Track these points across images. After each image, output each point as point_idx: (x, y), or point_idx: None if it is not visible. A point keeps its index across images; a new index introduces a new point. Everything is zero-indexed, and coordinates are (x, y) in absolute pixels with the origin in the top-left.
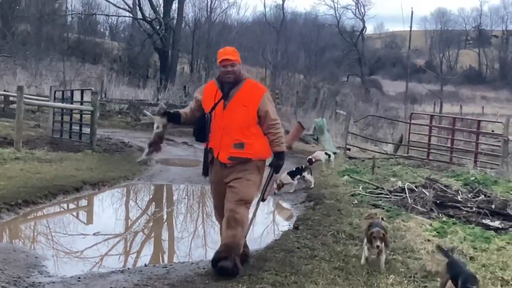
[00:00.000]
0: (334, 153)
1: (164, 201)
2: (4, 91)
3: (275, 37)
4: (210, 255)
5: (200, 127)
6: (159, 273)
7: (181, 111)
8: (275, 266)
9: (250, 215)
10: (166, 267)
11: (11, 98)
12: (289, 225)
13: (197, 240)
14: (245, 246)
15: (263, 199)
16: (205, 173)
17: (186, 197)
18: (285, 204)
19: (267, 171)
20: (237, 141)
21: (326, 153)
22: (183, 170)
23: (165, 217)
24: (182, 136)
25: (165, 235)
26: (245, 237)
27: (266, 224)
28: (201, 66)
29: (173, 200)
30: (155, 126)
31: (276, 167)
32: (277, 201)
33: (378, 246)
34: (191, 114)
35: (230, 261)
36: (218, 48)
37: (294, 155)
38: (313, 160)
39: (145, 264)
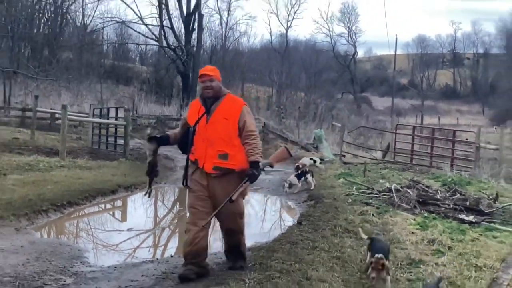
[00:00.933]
0: (322, 160)
1: (187, 201)
2: (51, 109)
3: (280, 61)
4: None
5: (184, 140)
6: (183, 262)
7: (170, 132)
8: (282, 256)
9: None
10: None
11: (56, 115)
12: (294, 221)
13: (215, 234)
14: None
15: (230, 199)
16: (185, 183)
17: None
18: (290, 203)
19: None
20: (221, 152)
21: (311, 159)
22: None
23: (187, 215)
24: None
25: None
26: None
27: (273, 220)
28: None
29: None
30: (147, 153)
31: (250, 176)
32: (283, 200)
33: (373, 278)
34: (180, 133)
35: (242, 258)
36: (232, 71)
37: (295, 161)
38: (300, 166)
39: (171, 255)
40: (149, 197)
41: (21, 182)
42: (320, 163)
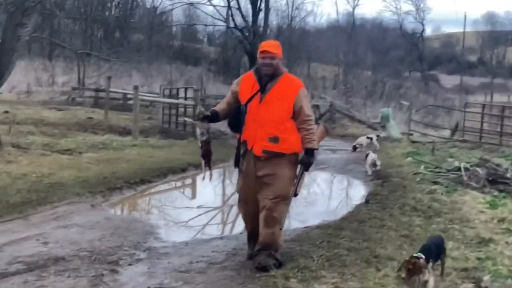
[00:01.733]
0: (378, 136)
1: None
2: (123, 90)
3: (346, 40)
4: (293, 224)
5: (235, 118)
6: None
7: (217, 108)
8: (349, 234)
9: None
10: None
11: (128, 96)
12: (361, 199)
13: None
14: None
15: (295, 194)
16: (236, 164)
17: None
18: (357, 182)
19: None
20: (272, 135)
21: (367, 137)
22: None
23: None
24: None
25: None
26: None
27: (340, 199)
28: (284, 66)
29: None
30: (198, 133)
31: (306, 164)
32: (350, 179)
33: (403, 279)
34: (228, 108)
35: (271, 257)
36: (299, 51)
37: (354, 139)
38: (357, 146)
39: (240, 232)
40: (210, 179)
41: (96, 160)
42: (377, 139)
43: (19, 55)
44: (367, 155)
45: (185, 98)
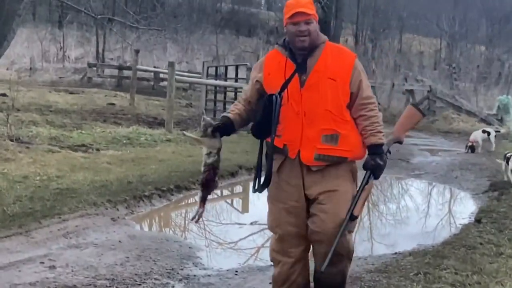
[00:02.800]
0: (498, 131)
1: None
2: (154, 67)
3: (451, 3)
4: (377, 250)
5: (265, 117)
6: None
7: (231, 113)
8: (454, 264)
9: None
10: None
11: (161, 75)
12: (470, 218)
13: (362, 233)
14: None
15: (352, 216)
16: (266, 183)
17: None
18: (463, 194)
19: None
20: (329, 131)
21: (483, 131)
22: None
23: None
24: None
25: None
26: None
27: (441, 216)
28: (367, 37)
29: None
30: (204, 152)
31: (374, 170)
32: (455, 190)
33: None
34: (247, 109)
35: None
36: (387, 17)
37: (461, 136)
38: (472, 143)
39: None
40: (197, 221)
41: (118, 160)
42: (495, 135)
43: (21, 20)
44: (509, 158)
45: (236, 80)
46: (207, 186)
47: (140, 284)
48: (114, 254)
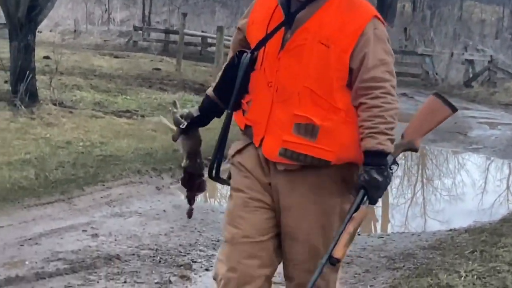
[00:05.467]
0: None
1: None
2: (202, 32)
3: None
4: (431, 226)
5: (227, 78)
6: (374, 243)
7: (212, 90)
8: None
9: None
10: (382, 237)
11: (209, 40)
12: None
13: (415, 208)
14: None
15: (332, 259)
16: (214, 171)
17: (404, 157)
18: None
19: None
20: (302, 119)
21: None
22: (402, 126)
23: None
24: (401, 86)
25: (379, 201)
26: None
27: (499, 193)
28: (425, 4)
29: None
30: (181, 151)
31: (367, 188)
32: None
33: None
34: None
35: None
36: None
37: None
38: None
39: (358, 233)
40: (189, 217)
41: (164, 127)
42: None
43: None
44: None
45: None
46: (187, 189)
47: (184, 255)
48: (158, 224)
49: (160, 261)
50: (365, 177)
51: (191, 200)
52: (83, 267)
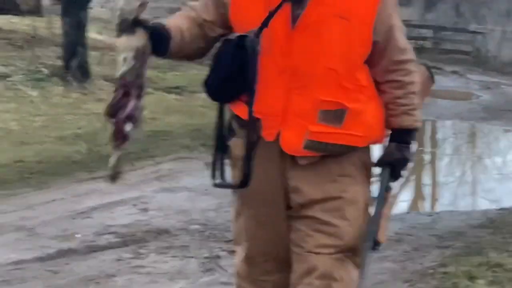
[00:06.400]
0: None
1: (427, 139)
2: None
3: None
4: (481, 205)
5: (233, 70)
6: (423, 221)
7: (171, 23)
8: None
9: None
10: (431, 216)
11: None
12: None
13: (464, 186)
14: None
15: (375, 244)
16: (245, 182)
17: (453, 135)
18: None
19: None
20: (331, 104)
21: None
22: (452, 104)
23: (428, 158)
24: (451, 64)
25: (427, 179)
26: None
27: None
28: None
29: (438, 139)
30: (120, 57)
31: (396, 166)
32: None
33: None
34: (196, 32)
35: None
36: None
37: None
38: None
39: (407, 211)
40: (112, 181)
41: (212, 103)
42: None
43: None
44: None
45: None
46: (116, 114)
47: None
48: (207, 199)
49: (209, 236)
50: (397, 156)
51: (119, 137)
52: (134, 241)
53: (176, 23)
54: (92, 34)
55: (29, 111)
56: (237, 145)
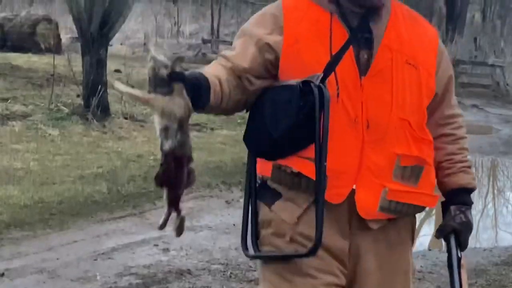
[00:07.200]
0: None
1: None
2: None
3: None
4: (503, 240)
5: (290, 118)
6: (445, 259)
7: (209, 73)
8: None
9: None
10: None
11: None
12: None
13: (485, 220)
14: None
15: None
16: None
17: (474, 169)
18: None
19: None
20: (409, 159)
21: None
22: (472, 138)
23: None
24: (471, 97)
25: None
26: None
27: None
28: (495, 13)
29: None
30: (157, 123)
31: (465, 231)
32: None
33: None
34: (233, 85)
35: None
36: None
37: None
38: None
39: (429, 248)
40: (161, 228)
41: (233, 140)
42: None
43: None
44: None
45: None
46: (172, 184)
47: (254, 270)
48: (228, 238)
49: (230, 276)
50: (462, 219)
51: (175, 201)
52: (155, 282)
53: (214, 73)
54: (112, 71)
55: (49, 151)
56: (284, 209)
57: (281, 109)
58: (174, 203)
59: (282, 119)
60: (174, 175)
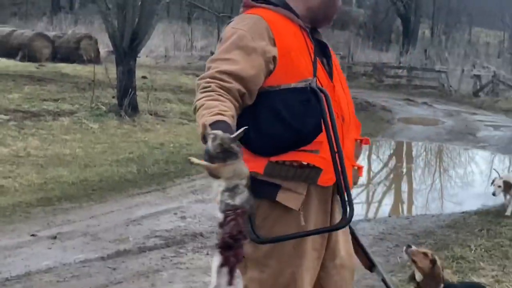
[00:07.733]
0: None
1: (404, 156)
2: None
3: None
4: (447, 208)
5: (287, 122)
6: (401, 223)
7: (226, 114)
8: None
9: None
10: (408, 218)
11: None
12: None
13: (433, 193)
14: None
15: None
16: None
17: (424, 153)
18: None
19: None
20: (358, 142)
21: None
22: (423, 128)
23: (405, 171)
24: (422, 97)
25: (404, 187)
26: None
27: None
28: (441, 30)
29: (412, 156)
30: (221, 187)
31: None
32: None
33: None
34: (238, 106)
35: None
36: (458, 14)
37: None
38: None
39: (389, 215)
40: None
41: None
42: None
43: (158, 18)
44: None
45: None
46: (229, 246)
47: None
48: None
49: None
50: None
51: (234, 269)
52: (175, 243)
53: (231, 113)
54: (140, 77)
55: (91, 140)
56: (288, 198)
57: (302, 109)
58: (231, 271)
59: (308, 118)
60: (240, 229)
